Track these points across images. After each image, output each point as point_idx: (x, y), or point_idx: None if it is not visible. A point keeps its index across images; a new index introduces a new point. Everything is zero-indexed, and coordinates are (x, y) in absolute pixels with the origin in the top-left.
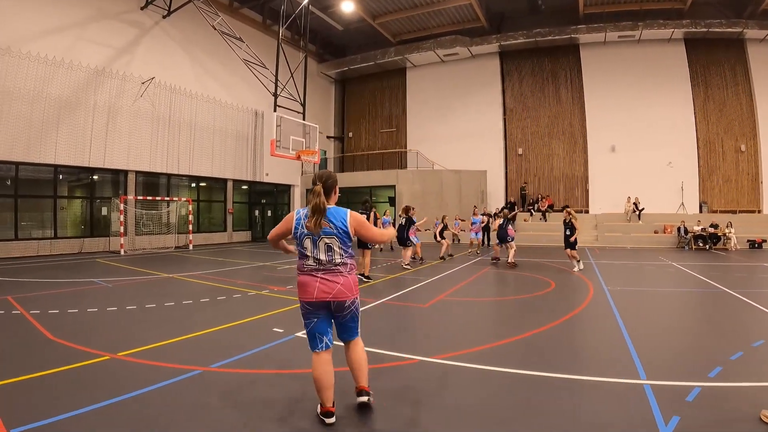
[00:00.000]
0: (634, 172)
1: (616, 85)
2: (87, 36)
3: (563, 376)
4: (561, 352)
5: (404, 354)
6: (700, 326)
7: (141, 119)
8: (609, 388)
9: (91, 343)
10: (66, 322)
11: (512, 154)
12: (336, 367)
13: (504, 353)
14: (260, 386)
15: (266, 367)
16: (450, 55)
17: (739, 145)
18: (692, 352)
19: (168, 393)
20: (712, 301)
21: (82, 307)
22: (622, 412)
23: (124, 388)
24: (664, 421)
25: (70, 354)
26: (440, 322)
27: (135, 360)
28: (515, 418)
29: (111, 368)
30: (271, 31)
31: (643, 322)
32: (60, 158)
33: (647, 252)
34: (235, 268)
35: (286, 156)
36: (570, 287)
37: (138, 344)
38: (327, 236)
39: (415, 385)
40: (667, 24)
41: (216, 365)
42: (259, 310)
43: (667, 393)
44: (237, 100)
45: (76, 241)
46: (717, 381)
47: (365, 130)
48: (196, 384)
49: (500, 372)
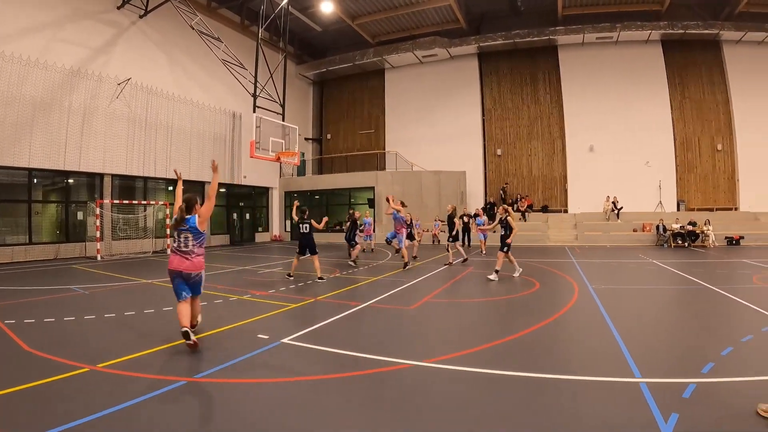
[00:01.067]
0: (612, 171)
1: (595, 86)
2: (63, 36)
3: (560, 377)
4: (554, 352)
5: (397, 359)
6: (688, 323)
7: (117, 121)
8: (606, 387)
9: (70, 355)
10: (43, 333)
11: (491, 155)
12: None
13: (497, 355)
14: (249, 396)
15: (254, 375)
16: (429, 57)
17: (715, 144)
18: (683, 348)
19: (153, 406)
20: (696, 298)
21: (59, 316)
22: (622, 412)
23: (107, 402)
24: (663, 420)
25: (48, 366)
26: (429, 325)
27: (116, 372)
28: (518, 421)
29: (92, 381)
30: (249, 32)
31: (631, 320)
32: (34, 161)
33: (627, 250)
34: (215, 273)
35: (266, 158)
36: (555, 287)
37: (119, 354)
38: (185, 232)
39: (413, 392)
40: (644, 26)
41: (201, 375)
42: (243, 315)
43: (663, 390)
44: (215, 101)
45: (51, 247)
46: (711, 377)
47: (344, 132)
48: (182, 395)
49: (496, 375)
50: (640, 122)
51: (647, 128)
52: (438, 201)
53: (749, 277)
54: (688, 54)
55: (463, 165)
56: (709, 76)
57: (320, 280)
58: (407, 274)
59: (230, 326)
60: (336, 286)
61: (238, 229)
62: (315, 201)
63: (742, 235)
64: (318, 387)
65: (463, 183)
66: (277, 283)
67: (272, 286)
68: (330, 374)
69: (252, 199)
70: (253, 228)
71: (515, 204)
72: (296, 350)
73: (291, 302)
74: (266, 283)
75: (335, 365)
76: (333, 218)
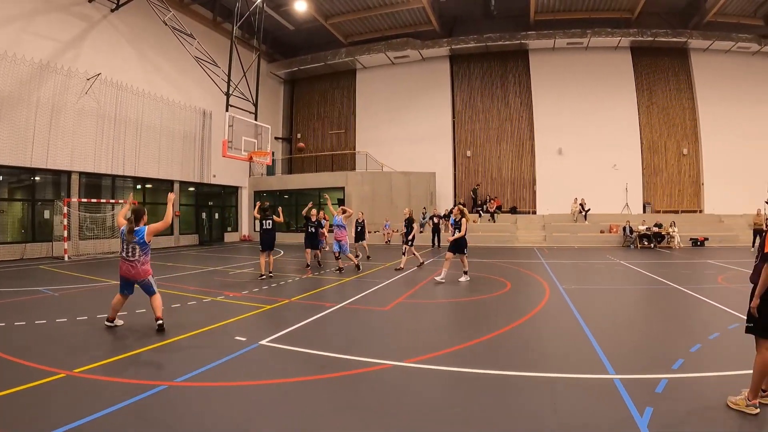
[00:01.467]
0: (580, 174)
1: (564, 90)
2: (32, 28)
3: (537, 375)
4: (529, 350)
5: (377, 359)
6: (657, 321)
7: (86, 117)
8: (582, 383)
9: (44, 360)
10: (14, 337)
11: (461, 156)
12: None
13: (474, 354)
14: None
15: (233, 378)
16: (401, 58)
17: (681, 149)
18: (653, 345)
19: (135, 412)
20: (663, 297)
21: (30, 319)
22: (598, 407)
23: (87, 409)
24: (639, 413)
25: (22, 372)
26: (405, 325)
27: (94, 377)
28: (499, 418)
29: (69, 387)
30: (221, 29)
31: (601, 318)
32: (0, 158)
33: (594, 251)
34: (186, 274)
35: (238, 157)
36: (526, 287)
37: (95, 359)
38: (133, 243)
39: (394, 392)
40: (614, 32)
41: (181, 379)
42: (218, 317)
43: (637, 386)
44: (185, 98)
45: (17, 247)
46: (681, 372)
47: (314, 132)
48: (163, 400)
49: (474, 373)
50: (608, 126)
51: (615, 132)
52: (408, 201)
53: (714, 277)
54: (656, 61)
55: (433, 166)
56: (676, 82)
57: (261, 278)
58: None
59: (206, 328)
60: (308, 288)
61: (207, 228)
62: (284, 201)
63: (707, 236)
64: (300, 389)
65: (433, 184)
66: (249, 283)
67: (245, 287)
68: (311, 376)
69: (221, 198)
70: (222, 228)
71: (485, 205)
72: (275, 352)
73: (265, 303)
74: (239, 284)
75: (315, 366)
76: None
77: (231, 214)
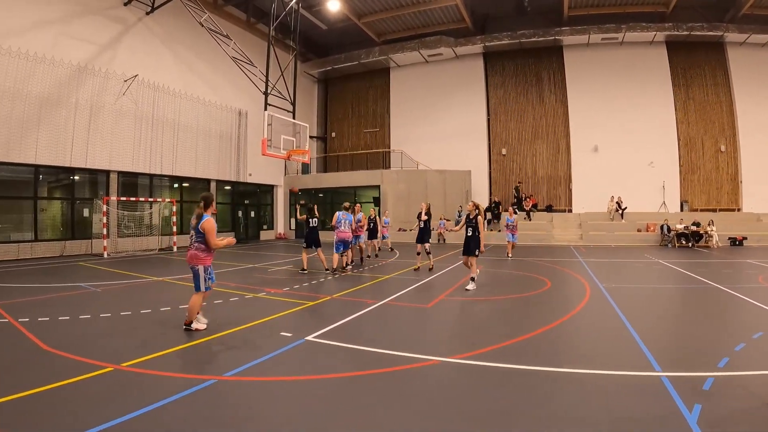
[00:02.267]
0: (616, 171)
1: (599, 86)
2: (69, 32)
3: (583, 372)
4: (574, 348)
5: (422, 355)
6: (700, 320)
7: (123, 118)
8: (630, 381)
9: (90, 354)
10: (59, 331)
11: (496, 155)
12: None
13: (520, 351)
14: (281, 395)
15: (282, 373)
16: (434, 56)
17: (719, 146)
18: (697, 344)
19: (184, 406)
20: (704, 296)
21: (74, 314)
22: (648, 404)
23: (137, 403)
24: (687, 410)
25: (69, 366)
26: (449, 322)
27: (142, 371)
28: (548, 414)
29: (117, 380)
30: (255, 30)
31: (644, 317)
32: (41, 158)
33: (631, 250)
34: (225, 271)
35: (277, 155)
36: (566, 285)
37: (141, 353)
38: (192, 229)
39: (442, 388)
40: (649, 27)
41: (230, 374)
42: (262, 313)
43: (684, 383)
44: (221, 99)
45: (57, 244)
46: (727, 370)
47: (348, 130)
48: (213, 395)
49: (521, 370)
50: (644, 123)
51: (651, 129)
52: (444, 200)
53: (755, 276)
54: (692, 55)
55: (468, 164)
56: (713, 77)
57: (327, 272)
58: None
59: (251, 324)
60: (348, 285)
61: (243, 226)
62: (319, 199)
63: (745, 235)
64: (347, 384)
65: (468, 182)
66: (289, 280)
67: (285, 284)
68: (359, 371)
69: (257, 196)
70: (257, 226)
71: (521, 203)
72: (322, 347)
73: (307, 300)
74: (279, 281)
75: (362, 362)
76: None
77: (266, 212)
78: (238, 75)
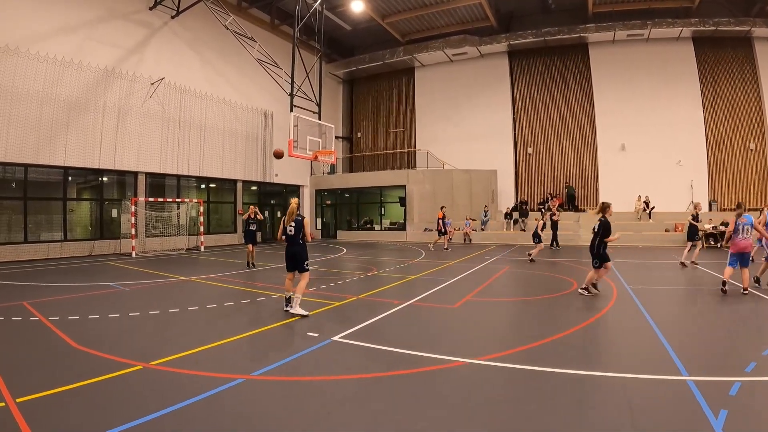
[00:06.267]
0: (643, 170)
1: (625, 84)
2: (96, 36)
3: (611, 374)
4: (601, 350)
5: (449, 357)
6: (727, 323)
7: (151, 120)
8: (655, 384)
9: (120, 352)
10: (89, 329)
11: (522, 154)
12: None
13: (545, 353)
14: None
15: (309, 374)
16: (459, 55)
17: (747, 143)
18: (724, 348)
19: (214, 404)
20: (733, 299)
21: (103, 312)
22: (673, 408)
23: (166, 401)
24: (714, 415)
25: (99, 364)
26: (475, 323)
27: (170, 369)
28: (574, 417)
29: (147, 379)
30: (278, 31)
31: (671, 319)
32: (70, 160)
33: (659, 251)
34: (252, 270)
35: (304, 156)
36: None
37: (170, 352)
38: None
39: (470, 388)
40: (675, 23)
41: (258, 373)
42: (288, 313)
43: (710, 388)
44: (246, 100)
45: (86, 244)
46: (754, 375)
47: (374, 130)
48: (242, 393)
49: (548, 372)
50: (671, 121)
51: (679, 127)
52: (469, 199)
53: None
54: (719, 51)
55: (493, 163)
56: (740, 73)
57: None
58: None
59: (278, 324)
60: (373, 285)
61: (269, 226)
62: (345, 199)
63: None
64: (375, 385)
65: (494, 181)
66: (315, 281)
67: (312, 284)
68: (386, 372)
69: (283, 197)
70: None
71: (546, 203)
72: (348, 348)
73: (333, 300)
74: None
75: (389, 363)
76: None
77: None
78: (264, 76)
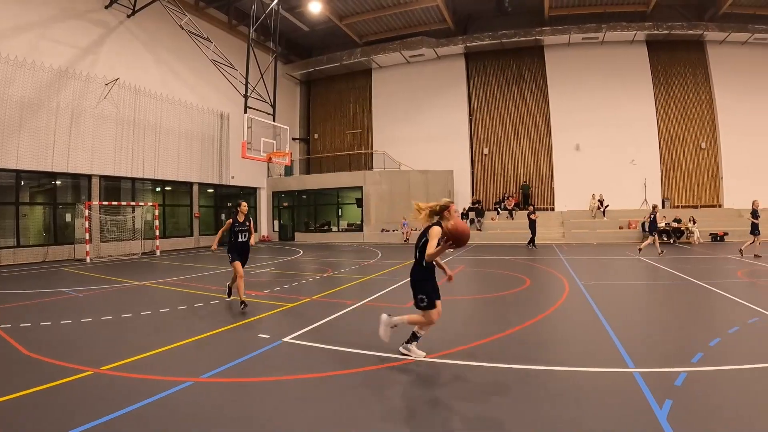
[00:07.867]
0: (598, 169)
1: (580, 86)
2: (50, 35)
3: (559, 369)
4: (551, 345)
5: (399, 355)
6: (676, 316)
7: (105, 122)
8: (603, 377)
9: (71, 358)
10: (40, 336)
11: (478, 154)
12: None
13: (497, 349)
14: (257, 395)
15: (258, 374)
16: (416, 56)
17: (699, 143)
18: (673, 340)
19: (162, 407)
20: (683, 292)
21: (55, 319)
22: (619, 400)
23: (115, 405)
24: (658, 406)
25: (50, 370)
26: None
27: (121, 374)
28: (525, 410)
29: (97, 384)
30: (236, 32)
31: (620, 314)
32: (22, 163)
33: (613, 247)
34: (207, 274)
35: (257, 158)
36: (545, 283)
37: (121, 357)
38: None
39: (421, 386)
40: (630, 26)
41: (207, 375)
42: (241, 315)
43: (656, 379)
44: (202, 101)
45: (39, 249)
46: (700, 366)
47: (331, 132)
48: (190, 396)
49: (499, 368)
50: (625, 121)
51: (632, 127)
52: (426, 200)
53: (734, 272)
54: (672, 54)
55: (450, 164)
56: (693, 75)
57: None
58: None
59: (229, 326)
60: (328, 286)
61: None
62: (302, 201)
63: (727, 231)
64: (324, 384)
65: (451, 182)
66: (270, 282)
67: (266, 286)
68: (335, 371)
69: (240, 199)
70: None
71: (502, 203)
72: (298, 348)
73: (287, 302)
74: (260, 284)
75: (339, 362)
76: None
77: (250, 214)
78: (220, 78)
